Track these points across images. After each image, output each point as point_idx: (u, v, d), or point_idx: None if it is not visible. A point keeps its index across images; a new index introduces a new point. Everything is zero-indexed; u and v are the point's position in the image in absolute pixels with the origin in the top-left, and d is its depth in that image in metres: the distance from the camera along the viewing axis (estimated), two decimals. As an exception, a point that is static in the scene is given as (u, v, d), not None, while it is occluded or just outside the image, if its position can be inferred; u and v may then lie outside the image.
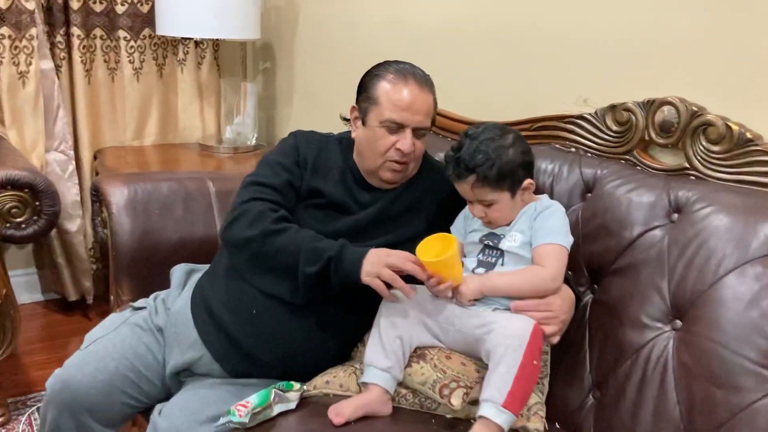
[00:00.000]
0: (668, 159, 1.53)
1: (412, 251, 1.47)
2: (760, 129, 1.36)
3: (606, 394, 1.38)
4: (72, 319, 2.84)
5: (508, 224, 1.39)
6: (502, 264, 1.37)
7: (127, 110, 2.77)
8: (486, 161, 1.32)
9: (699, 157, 1.43)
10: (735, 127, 1.37)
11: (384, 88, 1.48)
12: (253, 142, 2.85)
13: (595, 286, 1.48)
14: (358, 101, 1.56)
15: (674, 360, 1.27)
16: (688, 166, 1.45)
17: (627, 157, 1.57)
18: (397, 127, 1.47)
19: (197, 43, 2.85)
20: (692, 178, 1.44)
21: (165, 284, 1.72)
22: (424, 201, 1.55)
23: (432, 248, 1.31)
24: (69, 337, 2.70)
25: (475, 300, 1.33)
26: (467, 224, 1.47)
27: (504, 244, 1.37)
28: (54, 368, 1.49)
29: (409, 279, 1.37)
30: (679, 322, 1.30)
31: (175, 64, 2.86)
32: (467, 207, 1.46)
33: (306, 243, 1.39)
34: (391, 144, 1.48)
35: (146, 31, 2.72)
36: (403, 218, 1.53)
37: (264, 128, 3.00)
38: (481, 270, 1.38)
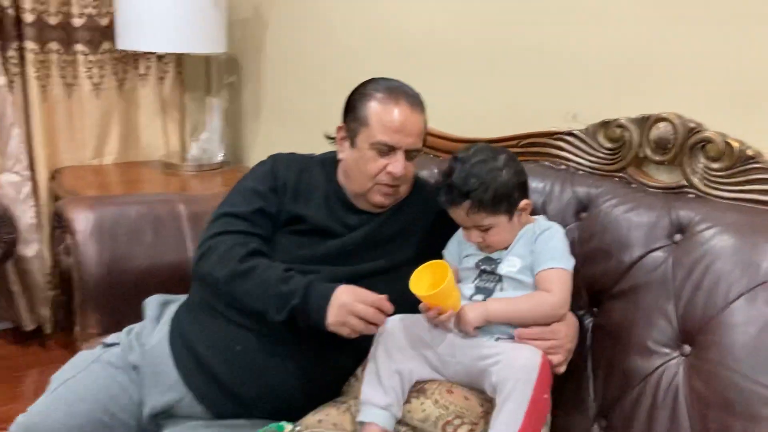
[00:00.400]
0: (664, 176, 1.49)
1: (404, 277, 1.40)
2: (759, 145, 1.33)
3: (613, 423, 1.32)
4: (28, 350, 2.66)
5: (506, 248, 1.33)
6: (501, 290, 1.31)
7: (86, 127, 2.63)
8: (480, 185, 1.27)
9: (698, 175, 1.39)
10: (735, 144, 1.34)
11: (374, 108, 1.41)
12: (220, 159, 2.74)
13: (595, 309, 1.43)
14: (345, 120, 1.48)
15: (686, 387, 1.23)
16: (686, 183, 1.42)
17: (620, 174, 1.53)
18: (388, 150, 1.40)
19: (160, 57, 2.73)
20: (691, 196, 1.41)
21: (135, 315, 1.61)
22: (415, 225, 1.48)
23: (425, 278, 1.23)
24: (25, 370, 2.54)
25: (478, 328, 1.26)
26: (461, 248, 1.40)
27: (502, 269, 1.31)
28: (8, 404, 1.37)
29: (407, 309, 1.30)
30: (687, 348, 1.26)
31: (136, 79, 2.73)
32: (461, 230, 1.40)
33: (272, 287, 1.31)
34: (382, 167, 1.41)
35: (106, 45, 2.59)
36: (393, 243, 1.45)
37: (231, 145, 2.89)
38: (479, 297, 1.31)
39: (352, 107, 1.46)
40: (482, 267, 1.33)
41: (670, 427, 1.23)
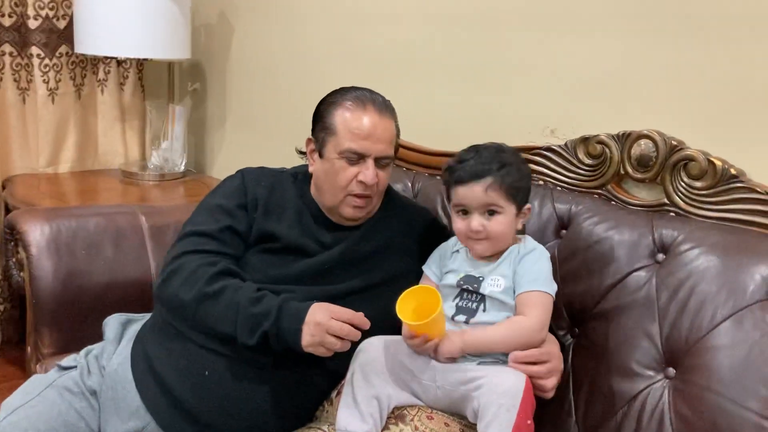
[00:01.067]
0: (644, 194, 1.47)
1: (381, 296, 1.36)
2: (742, 164, 1.32)
3: (596, 448, 1.28)
4: (-27, 367, 2.53)
5: (491, 261, 1.28)
6: (484, 310, 1.26)
7: (41, 134, 2.51)
8: (506, 165, 1.26)
9: (680, 193, 1.37)
10: (718, 163, 1.32)
11: (341, 116, 1.36)
12: (182, 168, 2.65)
13: (576, 329, 1.39)
14: (314, 132, 1.42)
15: (672, 412, 1.20)
16: (667, 201, 1.40)
17: (600, 191, 1.51)
18: (357, 158, 1.35)
19: (120, 62, 2.63)
20: (672, 214, 1.39)
21: (93, 335, 1.52)
22: (394, 241, 1.42)
23: (409, 303, 1.18)
24: (-30, 389, 2.40)
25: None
26: (443, 263, 1.35)
27: (485, 289, 1.26)
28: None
29: (385, 330, 1.25)
30: (672, 370, 1.23)
31: (94, 85, 2.62)
32: (443, 245, 1.36)
33: (243, 309, 1.24)
34: (353, 176, 1.35)
35: (63, 49, 2.48)
36: (369, 261, 1.39)
37: (194, 154, 2.80)
38: (461, 317, 1.26)
39: (320, 117, 1.41)
40: (464, 286, 1.28)
41: (656, 453, 1.19)
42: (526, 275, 1.25)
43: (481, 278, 1.28)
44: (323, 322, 1.19)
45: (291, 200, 1.44)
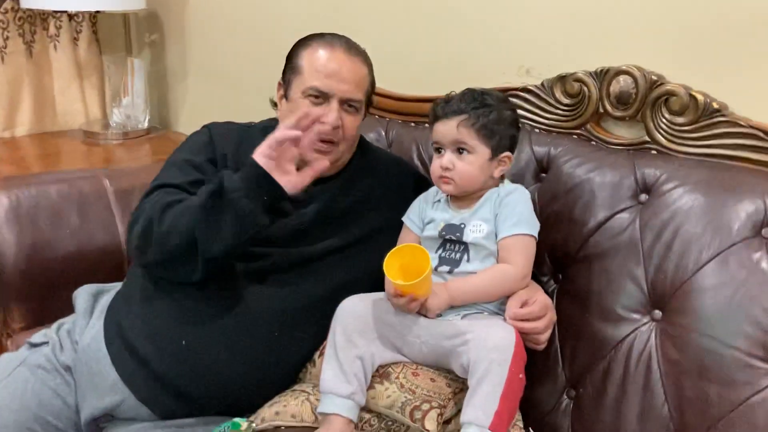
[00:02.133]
0: (624, 132, 1.42)
1: (360, 253, 1.32)
2: (724, 98, 1.28)
3: (584, 393, 1.27)
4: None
5: (470, 204, 1.25)
6: (468, 260, 1.22)
7: (-7, 97, 2.39)
8: (483, 107, 1.23)
9: (661, 130, 1.33)
10: (699, 97, 1.28)
11: (308, 54, 1.31)
12: (146, 124, 2.56)
13: (559, 275, 1.37)
14: (284, 76, 1.36)
15: (659, 354, 1.18)
16: (648, 139, 1.36)
17: (579, 131, 1.46)
18: (321, 98, 1.28)
19: (71, 17, 2.49)
20: (653, 152, 1.35)
21: (64, 307, 1.47)
22: (371, 195, 1.37)
23: (396, 261, 1.14)
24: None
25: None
26: (424, 214, 1.31)
27: (468, 236, 1.23)
28: None
29: (366, 288, 1.21)
30: (658, 313, 1.21)
31: (46, 41, 2.48)
32: (425, 194, 1.33)
33: (199, 195, 1.21)
34: (316, 117, 1.28)
35: (8, 3, 2.33)
36: (347, 218, 1.34)
37: (156, 108, 2.69)
38: (444, 268, 1.23)
39: (289, 60, 1.35)
40: (446, 236, 1.25)
41: (644, 395, 1.19)
42: (508, 219, 1.21)
43: (462, 225, 1.24)
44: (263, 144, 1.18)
45: None
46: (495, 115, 1.23)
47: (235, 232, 1.16)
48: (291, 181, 1.18)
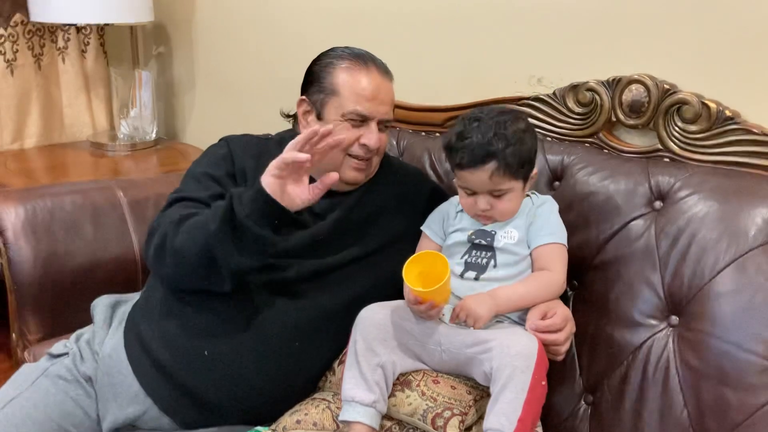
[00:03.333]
0: (637, 140, 1.44)
1: (379, 263, 1.33)
2: (737, 106, 1.30)
3: (602, 399, 1.28)
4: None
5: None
6: (495, 266, 1.23)
7: (2, 109, 2.39)
8: (508, 146, 1.18)
9: (674, 138, 1.35)
10: (712, 105, 1.30)
11: (344, 77, 1.32)
12: (153, 136, 2.56)
13: (575, 282, 1.38)
14: (307, 93, 1.37)
15: (677, 360, 1.20)
16: (661, 147, 1.37)
17: (591, 140, 1.48)
18: (361, 120, 1.30)
19: (79, 29, 2.51)
20: (666, 160, 1.37)
21: (81, 318, 1.47)
22: (388, 204, 1.39)
23: (414, 268, 1.15)
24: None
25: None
26: (447, 223, 1.32)
27: (499, 242, 1.24)
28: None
29: (384, 296, 1.23)
30: (675, 318, 1.23)
31: (54, 54, 2.50)
32: (445, 204, 1.33)
33: (211, 213, 1.21)
34: (355, 138, 1.31)
35: (18, 17, 2.35)
36: (367, 226, 1.36)
37: (163, 120, 2.70)
38: (471, 274, 1.23)
39: (317, 78, 1.35)
40: (476, 241, 1.25)
41: (663, 401, 1.20)
42: (544, 228, 1.23)
43: (493, 232, 1.25)
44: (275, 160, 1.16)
45: None
46: (519, 149, 1.19)
47: (249, 252, 1.17)
48: (302, 194, 1.18)
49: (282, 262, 1.26)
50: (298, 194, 1.17)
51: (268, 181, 1.15)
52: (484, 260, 1.23)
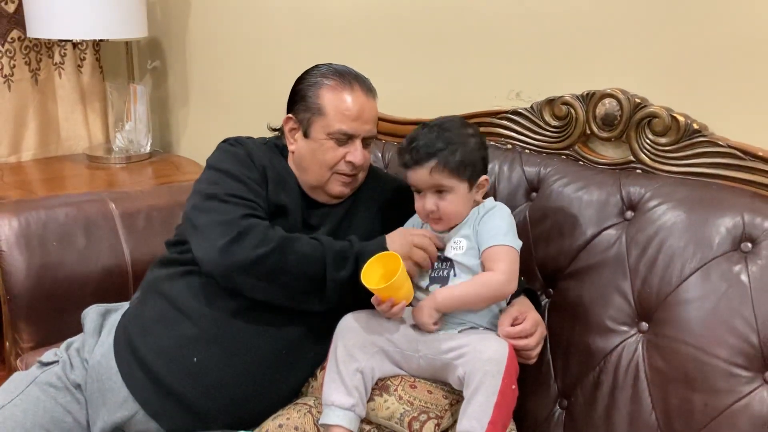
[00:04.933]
0: (610, 152, 1.49)
1: None
2: (704, 119, 1.34)
3: (575, 403, 1.33)
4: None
5: (452, 228, 1.30)
6: (455, 275, 1.27)
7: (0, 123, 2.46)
8: (449, 146, 1.24)
9: (645, 151, 1.40)
10: (681, 118, 1.34)
11: (329, 97, 1.36)
12: (148, 149, 2.61)
13: (551, 290, 1.42)
14: (294, 111, 1.41)
15: (646, 364, 1.24)
16: (633, 159, 1.42)
17: (567, 152, 1.52)
18: (346, 139, 1.36)
19: (75, 45, 2.56)
20: (638, 171, 1.41)
21: (72, 327, 1.51)
22: (369, 213, 1.44)
23: (376, 270, 1.20)
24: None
25: (436, 322, 1.23)
26: None
27: (449, 252, 1.28)
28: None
29: (362, 304, 1.27)
30: (645, 324, 1.27)
31: (51, 69, 2.56)
32: (415, 216, 1.37)
33: (329, 246, 1.27)
34: (341, 156, 1.36)
35: (15, 33, 2.41)
36: (355, 235, 1.39)
37: (158, 133, 2.76)
38: (435, 287, 1.28)
39: (302, 97, 1.39)
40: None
41: (632, 405, 1.24)
42: (488, 232, 1.25)
43: (444, 243, 1.30)
44: (407, 235, 1.27)
45: (288, 171, 1.43)
46: (461, 150, 1.24)
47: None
48: None
49: None
50: None
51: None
52: (445, 272, 1.27)
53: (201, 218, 1.29)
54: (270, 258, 1.23)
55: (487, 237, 1.26)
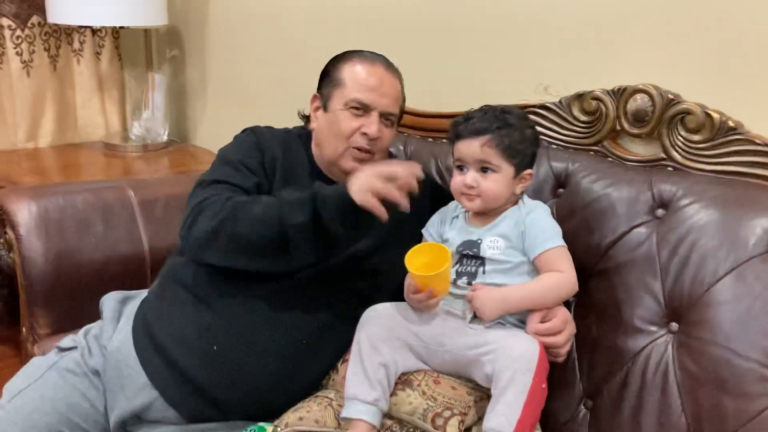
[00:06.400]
0: (640, 149, 1.46)
1: (387, 264, 1.34)
2: (740, 116, 1.31)
3: (601, 404, 1.30)
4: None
5: (487, 223, 1.28)
6: (484, 272, 1.25)
7: (17, 108, 2.45)
8: (507, 127, 1.24)
9: (678, 148, 1.37)
10: (715, 115, 1.31)
11: (350, 68, 1.38)
12: (165, 138, 2.61)
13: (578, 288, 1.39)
14: (320, 89, 1.43)
15: (675, 366, 1.21)
16: (665, 156, 1.39)
17: (596, 148, 1.50)
18: (362, 110, 1.35)
19: (95, 31, 2.55)
20: (669, 169, 1.38)
21: (90, 312, 1.50)
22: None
23: (418, 258, 1.17)
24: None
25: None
26: (442, 228, 1.34)
27: (485, 251, 1.25)
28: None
29: (393, 292, 1.26)
30: (675, 325, 1.24)
31: (70, 55, 2.55)
32: (446, 208, 1.36)
33: (283, 200, 1.22)
34: (356, 128, 1.35)
35: (35, 19, 2.40)
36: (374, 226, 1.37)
37: (175, 122, 2.74)
38: (464, 280, 1.25)
39: (327, 73, 1.42)
40: (463, 252, 1.27)
41: (661, 407, 1.21)
42: (541, 234, 1.23)
43: (479, 241, 1.27)
44: (368, 170, 1.17)
45: (303, 163, 1.43)
46: (518, 134, 1.24)
47: (320, 247, 1.22)
48: None
49: None
50: None
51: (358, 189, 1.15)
52: (473, 268, 1.25)
53: (188, 204, 1.32)
54: (224, 227, 1.22)
55: (542, 239, 1.24)
